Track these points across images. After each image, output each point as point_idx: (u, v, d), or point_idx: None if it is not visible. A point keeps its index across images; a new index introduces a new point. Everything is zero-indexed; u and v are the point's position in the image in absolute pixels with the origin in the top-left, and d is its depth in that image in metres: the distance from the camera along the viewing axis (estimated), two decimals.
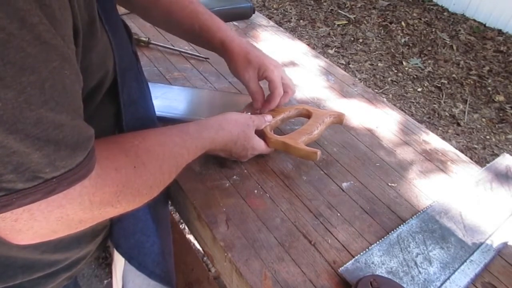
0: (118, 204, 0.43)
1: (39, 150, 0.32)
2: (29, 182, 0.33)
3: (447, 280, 0.59)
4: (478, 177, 0.78)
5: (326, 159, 0.78)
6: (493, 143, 2.42)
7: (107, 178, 0.41)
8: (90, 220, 0.42)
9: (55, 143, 0.33)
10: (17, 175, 0.32)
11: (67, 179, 0.36)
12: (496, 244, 0.66)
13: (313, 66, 1.07)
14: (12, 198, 0.33)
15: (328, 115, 0.78)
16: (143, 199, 0.48)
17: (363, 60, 3.06)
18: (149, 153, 0.49)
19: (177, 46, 1.06)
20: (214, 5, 1.19)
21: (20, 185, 0.33)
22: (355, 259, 0.60)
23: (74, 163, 0.35)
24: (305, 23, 3.47)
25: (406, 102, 2.69)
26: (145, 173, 0.47)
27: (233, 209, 0.66)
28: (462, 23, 3.58)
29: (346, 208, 0.69)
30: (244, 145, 0.68)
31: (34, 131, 0.31)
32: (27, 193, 0.33)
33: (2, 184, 0.32)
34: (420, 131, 0.90)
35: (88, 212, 0.40)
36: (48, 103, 0.32)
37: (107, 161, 0.42)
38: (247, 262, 0.58)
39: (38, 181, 0.33)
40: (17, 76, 0.29)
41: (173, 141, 0.55)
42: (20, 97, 0.29)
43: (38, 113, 0.31)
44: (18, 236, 0.37)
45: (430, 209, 0.70)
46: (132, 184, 0.45)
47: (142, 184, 0.46)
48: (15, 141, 0.30)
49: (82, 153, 0.36)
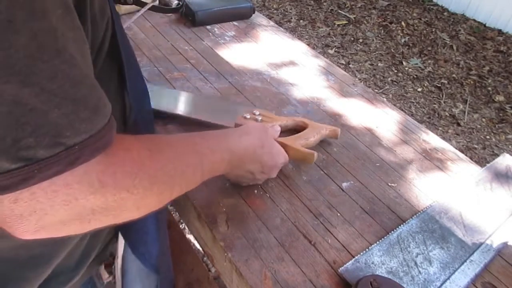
0: (135, 189, 0.38)
1: (57, 107, 0.29)
2: (50, 149, 0.30)
3: (447, 280, 0.59)
4: (478, 177, 0.78)
5: (326, 159, 0.78)
6: (493, 143, 2.42)
7: (115, 157, 0.37)
8: (105, 211, 0.36)
9: (73, 102, 0.30)
10: (36, 139, 0.29)
11: (89, 147, 0.32)
12: (496, 244, 0.66)
13: (313, 66, 1.07)
14: (33, 170, 0.29)
15: (324, 128, 0.80)
16: (163, 189, 0.43)
17: (363, 60, 3.06)
18: (165, 143, 0.45)
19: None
20: (214, 5, 1.19)
21: (41, 152, 0.29)
22: (355, 259, 0.60)
23: (95, 128, 0.32)
24: (305, 23, 3.47)
25: (406, 102, 2.69)
26: (162, 159, 0.43)
27: (233, 209, 0.66)
28: (462, 23, 3.58)
29: (346, 208, 0.69)
30: (272, 151, 0.64)
31: (50, 85, 0.29)
32: (49, 163, 0.30)
33: (21, 152, 0.29)
34: (420, 131, 0.90)
35: (101, 197, 0.35)
36: (62, 54, 0.29)
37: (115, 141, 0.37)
38: (247, 262, 0.58)
39: (59, 148, 0.30)
40: (27, 20, 0.27)
41: (193, 140, 0.51)
42: (32, 44, 0.27)
43: (52, 65, 0.29)
44: (20, 224, 0.32)
45: (430, 209, 0.70)
46: (148, 168, 0.40)
47: (160, 170, 0.42)
48: (30, 95, 0.28)
49: (103, 118, 0.33)
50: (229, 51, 1.08)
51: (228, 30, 1.18)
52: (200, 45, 1.08)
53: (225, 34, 1.16)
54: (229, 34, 1.16)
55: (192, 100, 0.87)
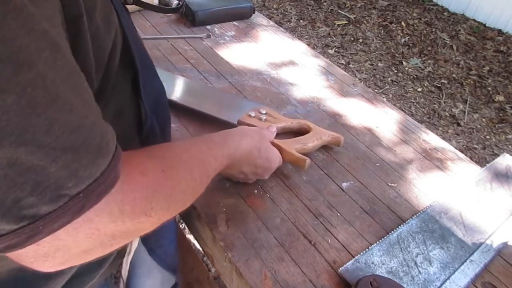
0: (153, 212, 0.38)
1: (56, 161, 0.28)
2: (54, 204, 0.29)
3: (447, 280, 0.59)
4: (478, 177, 0.78)
5: (326, 159, 0.78)
6: (493, 143, 2.42)
7: (133, 183, 0.36)
8: (124, 235, 0.37)
9: (73, 150, 0.29)
10: (38, 197, 0.28)
11: (94, 192, 0.31)
12: (496, 244, 0.66)
13: (313, 66, 1.07)
14: (38, 226, 0.28)
15: (327, 135, 0.79)
16: (178, 206, 0.44)
17: (363, 60, 3.06)
18: (175, 158, 0.45)
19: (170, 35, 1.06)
20: (214, 5, 1.19)
21: (44, 209, 0.28)
22: (355, 259, 0.60)
23: (98, 171, 0.31)
24: (305, 23, 3.47)
25: (406, 102, 2.69)
26: (175, 177, 0.43)
27: (233, 209, 0.66)
28: (462, 23, 3.58)
29: (346, 208, 0.69)
30: (267, 155, 0.65)
31: (47, 139, 0.27)
32: (54, 217, 0.29)
33: (23, 211, 0.28)
34: (420, 131, 0.90)
35: (121, 224, 0.35)
36: (56, 103, 0.27)
37: (130, 166, 0.37)
38: (247, 262, 0.58)
39: (63, 200, 0.29)
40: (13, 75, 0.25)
41: (199, 149, 0.52)
42: (22, 100, 0.25)
43: (46, 117, 0.27)
44: (45, 262, 0.32)
45: (430, 209, 0.70)
46: (164, 189, 0.40)
47: (174, 189, 0.42)
48: (26, 154, 0.26)
49: (106, 158, 0.32)
50: (229, 51, 1.08)
51: (228, 30, 1.18)
52: (200, 45, 1.08)
53: (225, 34, 1.16)
54: (229, 34, 1.16)
55: (199, 90, 0.87)
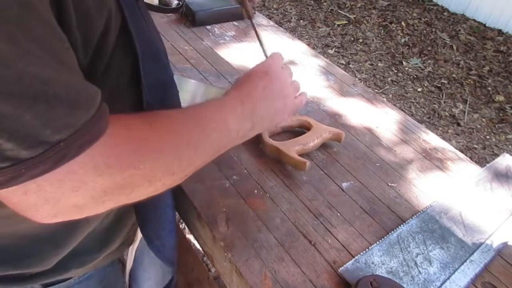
0: (141, 164, 0.38)
1: (29, 109, 0.30)
2: (34, 149, 0.31)
3: (447, 280, 0.59)
4: (478, 177, 0.78)
5: (326, 159, 0.78)
6: (493, 143, 2.42)
7: (117, 136, 0.37)
8: (116, 191, 0.38)
9: (45, 101, 0.30)
10: (15, 143, 0.30)
11: (76, 142, 0.33)
12: (496, 244, 0.66)
13: (313, 66, 1.07)
14: (20, 169, 0.31)
15: (328, 131, 0.79)
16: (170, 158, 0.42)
17: (363, 60, 3.06)
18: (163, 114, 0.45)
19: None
20: (214, 5, 1.19)
21: (24, 153, 0.30)
22: (355, 259, 0.60)
23: (77, 123, 0.32)
24: (305, 23, 3.47)
25: (406, 102, 2.69)
26: (163, 129, 0.43)
27: (233, 209, 0.66)
28: (462, 23, 3.58)
29: (346, 208, 0.69)
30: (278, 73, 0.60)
31: (17, 88, 0.29)
32: (36, 162, 0.31)
33: (6, 153, 0.30)
34: (420, 131, 0.90)
35: (108, 177, 0.36)
36: (25, 57, 0.29)
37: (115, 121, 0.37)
38: (247, 262, 0.58)
39: (44, 147, 0.31)
40: None
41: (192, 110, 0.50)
42: None
43: (16, 69, 0.29)
44: (36, 212, 0.35)
45: (430, 209, 0.70)
46: (151, 141, 0.40)
47: (163, 140, 0.42)
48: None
49: (86, 111, 0.33)
50: (229, 51, 1.08)
51: (228, 30, 1.18)
52: (200, 45, 1.08)
53: (225, 34, 1.16)
54: (229, 34, 1.16)
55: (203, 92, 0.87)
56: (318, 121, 0.83)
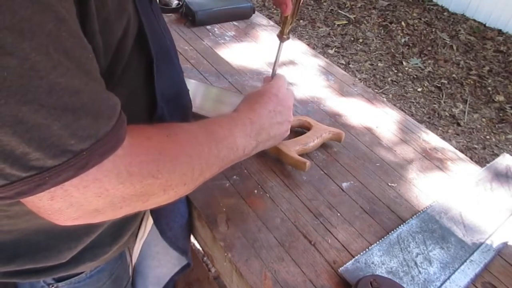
0: (159, 174, 0.41)
1: (58, 120, 0.31)
2: (58, 158, 0.32)
3: (447, 280, 0.59)
4: (478, 177, 0.78)
5: (326, 159, 0.78)
6: (493, 143, 2.42)
7: (140, 146, 0.40)
8: (134, 198, 0.40)
9: (73, 112, 0.32)
10: (43, 152, 0.31)
11: (98, 151, 0.34)
12: (496, 244, 0.66)
13: (313, 66, 1.07)
14: (44, 177, 0.32)
15: (328, 131, 0.79)
16: (185, 169, 0.45)
17: (363, 60, 3.06)
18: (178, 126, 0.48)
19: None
20: (214, 5, 1.19)
21: (49, 162, 0.32)
22: (355, 259, 0.60)
23: (100, 133, 0.34)
24: (305, 23, 3.47)
25: (406, 102, 2.69)
26: (180, 141, 0.45)
27: (233, 209, 0.66)
28: (462, 23, 3.58)
29: (346, 208, 0.69)
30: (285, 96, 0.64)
31: (49, 100, 0.30)
32: (59, 170, 0.32)
33: (31, 162, 0.31)
34: (420, 131, 0.90)
35: (129, 185, 0.38)
36: (58, 69, 0.30)
37: (137, 131, 0.40)
38: (247, 262, 0.58)
39: (67, 155, 0.32)
40: (17, 42, 0.28)
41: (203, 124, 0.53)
42: (25, 64, 0.28)
43: (48, 80, 0.30)
44: (60, 216, 0.36)
45: (430, 209, 0.70)
46: (169, 152, 0.43)
47: (180, 151, 0.44)
48: (30, 112, 0.29)
49: (107, 121, 0.35)
50: (229, 51, 1.08)
51: (228, 30, 1.18)
52: (200, 45, 1.08)
53: (225, 34, 1.16)
54: (229, 34, 1.16)
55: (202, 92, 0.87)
56: (318, 121, 0.83)
